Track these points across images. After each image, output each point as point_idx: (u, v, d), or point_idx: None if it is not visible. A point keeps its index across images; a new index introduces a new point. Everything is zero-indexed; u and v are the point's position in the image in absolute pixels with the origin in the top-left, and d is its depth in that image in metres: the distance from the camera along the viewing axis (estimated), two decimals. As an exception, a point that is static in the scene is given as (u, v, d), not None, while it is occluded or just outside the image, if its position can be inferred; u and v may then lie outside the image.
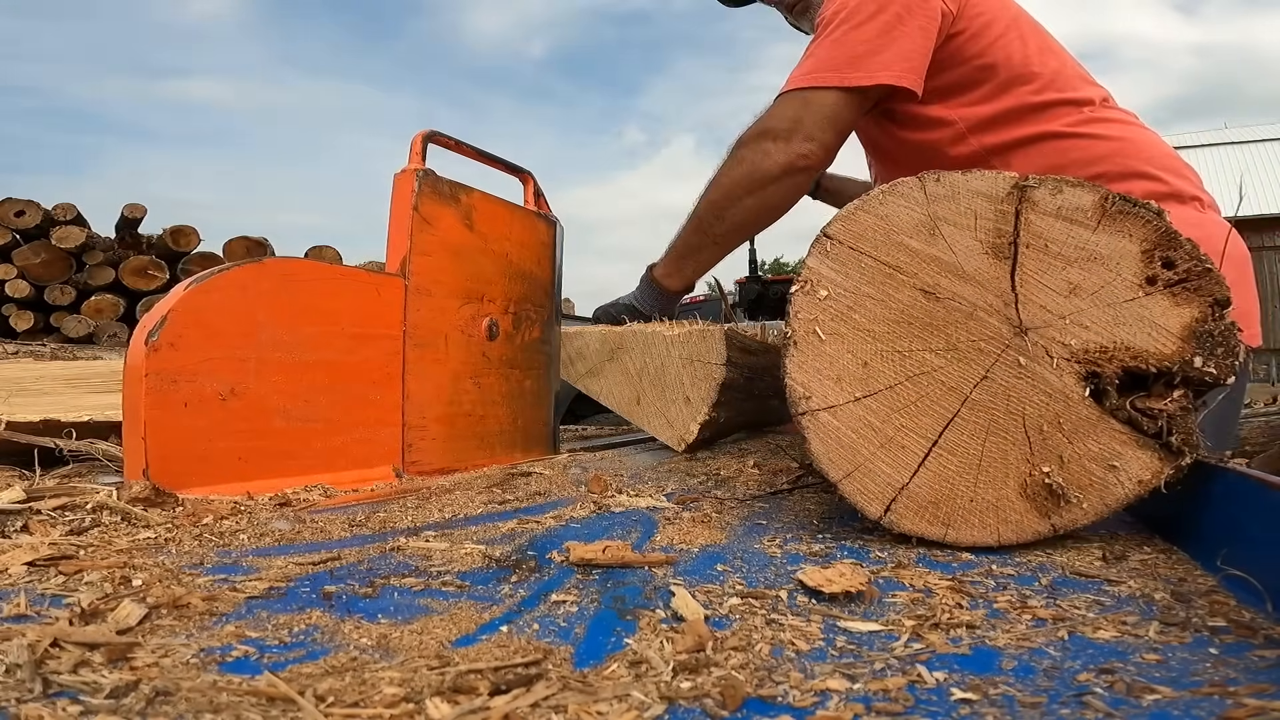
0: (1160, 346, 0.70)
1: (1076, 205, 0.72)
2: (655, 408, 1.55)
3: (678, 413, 1.49)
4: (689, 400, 1.45)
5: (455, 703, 0.38)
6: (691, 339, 1.45)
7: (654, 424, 1.53)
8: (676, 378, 1.50)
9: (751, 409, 1.72)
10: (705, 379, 1.43)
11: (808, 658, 0.46)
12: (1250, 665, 0.44)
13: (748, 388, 1.58)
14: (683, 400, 1.47)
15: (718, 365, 1.41)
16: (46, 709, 0.36)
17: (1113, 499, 0.70)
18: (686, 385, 1.48)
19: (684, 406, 1.46)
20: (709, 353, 1.43)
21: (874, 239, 0.75)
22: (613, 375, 1.66)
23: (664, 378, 1.53)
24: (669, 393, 1.51)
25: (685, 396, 1.46)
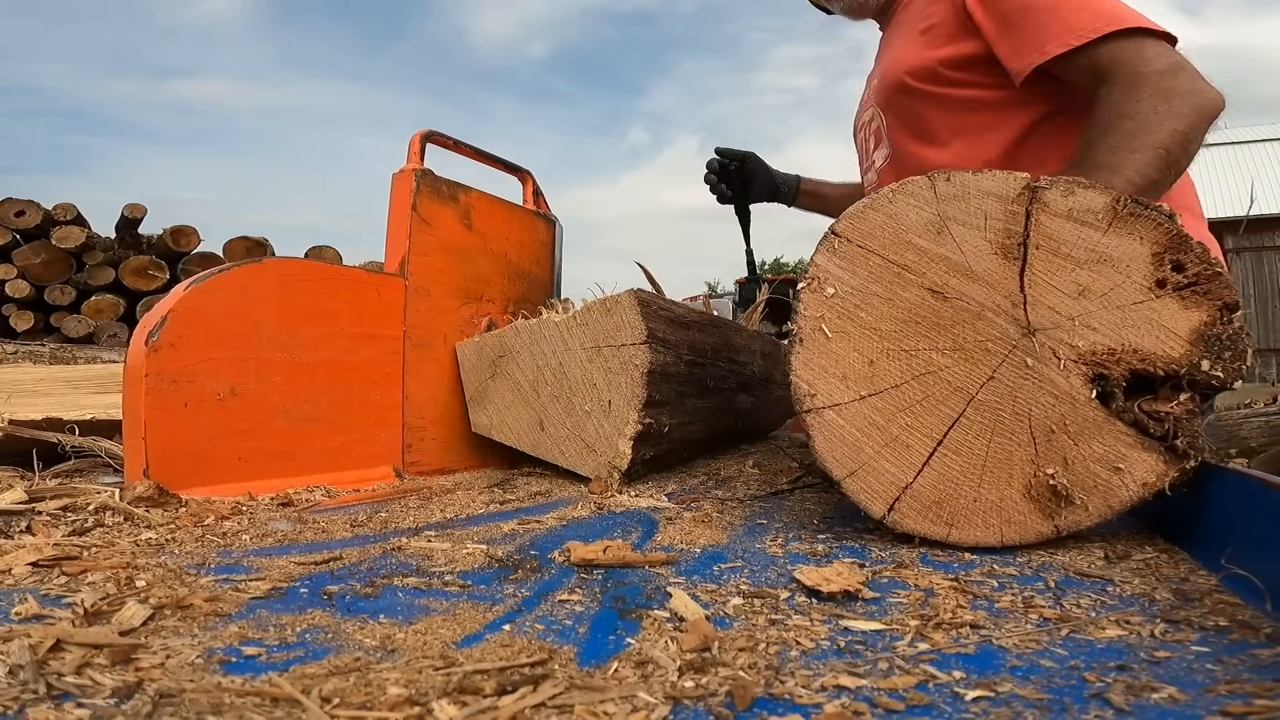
0: (1168, 350, 0.70)
1: (1088, 207, 0.72)
2: (566, 429, 1.16)
3: (597, 429, 1.12)
4: (609, 407, 1.10)
5: (462, 704, 0.37)
6: (592, 317, 1.12)
7: (569, 453, 1.16)
8: (585, 378, 1.14)
9: (711, 409, 1.34)
10: (624, 370, 1.09)
11: (813, 657, 0.45)
12: (1252, 663, 0.44)
13: (695, 377, 1.24)
14: (600, 409, 1.12)
15: (636, 347, 1.08)
16: (53, 712, 0.36)
17: (1117, 501, 0.70)
18: (601, 386, 1.12)
19: (604, 418, 1.11)
20: (620, 330, 1.09)
21: (882, 237, 0.75)
22: (501, 397, 1.25)
23: (567, 382, 1.16)
24: (579, 402, 1.14)
25: (603, 403, 1.11)
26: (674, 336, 1.16)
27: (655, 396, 1.10)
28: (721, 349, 1.36)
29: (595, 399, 1.13)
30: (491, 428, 1.26)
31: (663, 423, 1.13)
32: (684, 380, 1.19)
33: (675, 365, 1.15)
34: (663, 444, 1.16)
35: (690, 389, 1.23)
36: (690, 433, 1.27)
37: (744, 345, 1.51)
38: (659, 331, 1.11)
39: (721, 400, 1.39)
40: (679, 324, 1.20)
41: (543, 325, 1.20)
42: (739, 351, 1.47)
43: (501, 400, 1.25)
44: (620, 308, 1.10)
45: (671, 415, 1.16)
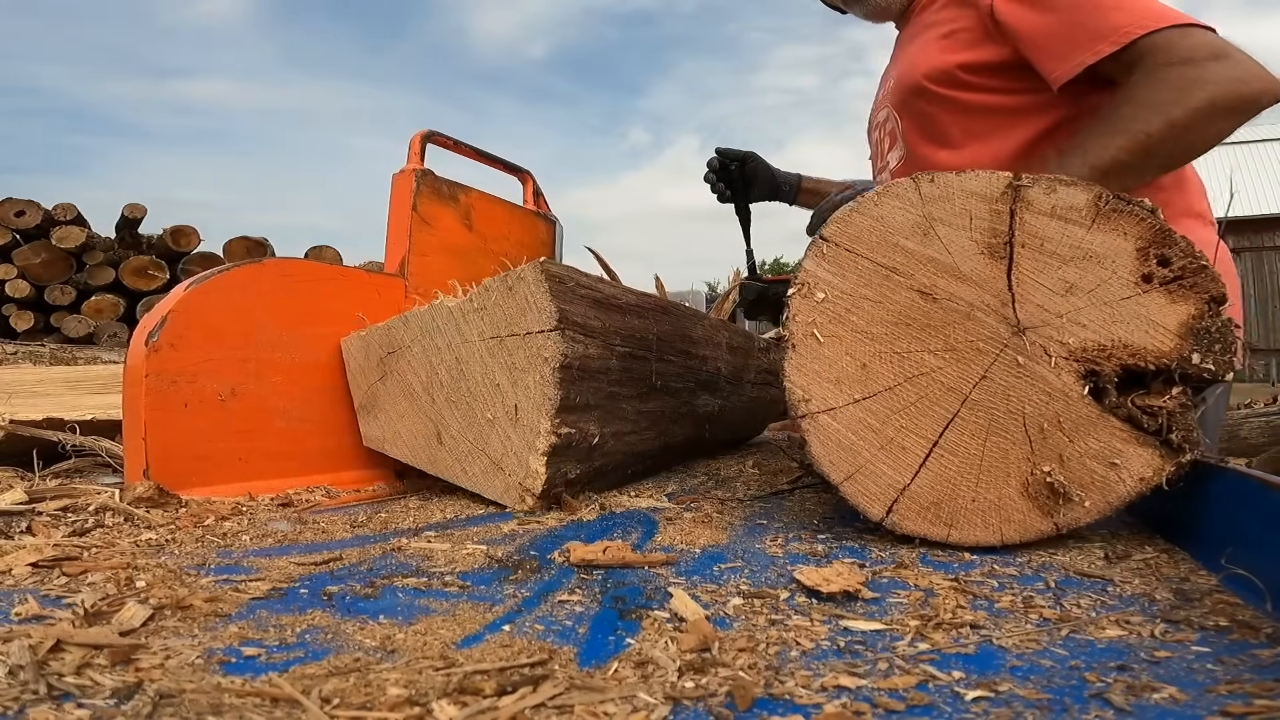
0: (1158, 344, 0.70)
1: (1071, 204, 0.72)
2: (467, 442, 0.96)
3: (503, 442, 0.92)
4: (516, 414, 0.90)
5: (462, 704, 0.38)
6: (491, 299, 0.92)
7: (472, 471, 0.96)
8: (486, 377, 0.94)
9: (662, 414, 1.12)
10: (531, 366, 0.88)
11: (813, 657, 0.46)
12: (1252, 663, 0.45)
13: (635, 374, 1.03)
14: (506, 417, 0.91)
15: (545, 335, 0.87)
16: (53, 712, 0.36)
17: (1115, 496, 0.70)
18: (505, 387, 0.91)
19: (510, 428, 0.91)
20: (525, 315, 0.89)
21: (870, 241, 0.75)
22: (392, 403, 1.05)
23: (466, 383, 0.96)
24: (481, 408, 0.94)
25: (508, 408, 0.91)
26: (602, 322, 0.94)
27: (575, 399, 0.89)
28: (673, 340, 1.13)
29: (499, 404, 0.92)
30: (384, 440, 1.05)
31: (590, 432, 0.92)
32: (618, 378, 0.98)
33: (603, 359, 0.94)
34: (595, 458, 0.96)
35: (629, 389, 1.02)
36: (634, 443, 1.06)
37: (705, 337, 1.27)
38: (578, 315, 0.89)
39: (676, 403, 1.17)
40: (610, 307, 0.96)
41: (435, 312, 0.99)
42: (698, 344, 1.25)
43: (393, 407, 1.03)
44: (524, 285, 0.88)
45: (604, 422, 0.95)
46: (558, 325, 0.87)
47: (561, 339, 0.87)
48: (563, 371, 0.87)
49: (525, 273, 0.89)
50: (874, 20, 1.62)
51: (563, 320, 0.87)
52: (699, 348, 1.25)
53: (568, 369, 0.88)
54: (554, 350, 0.87)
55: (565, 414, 0.89)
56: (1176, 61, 1.10)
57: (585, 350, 0.91)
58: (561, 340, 0.87)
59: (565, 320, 0.87)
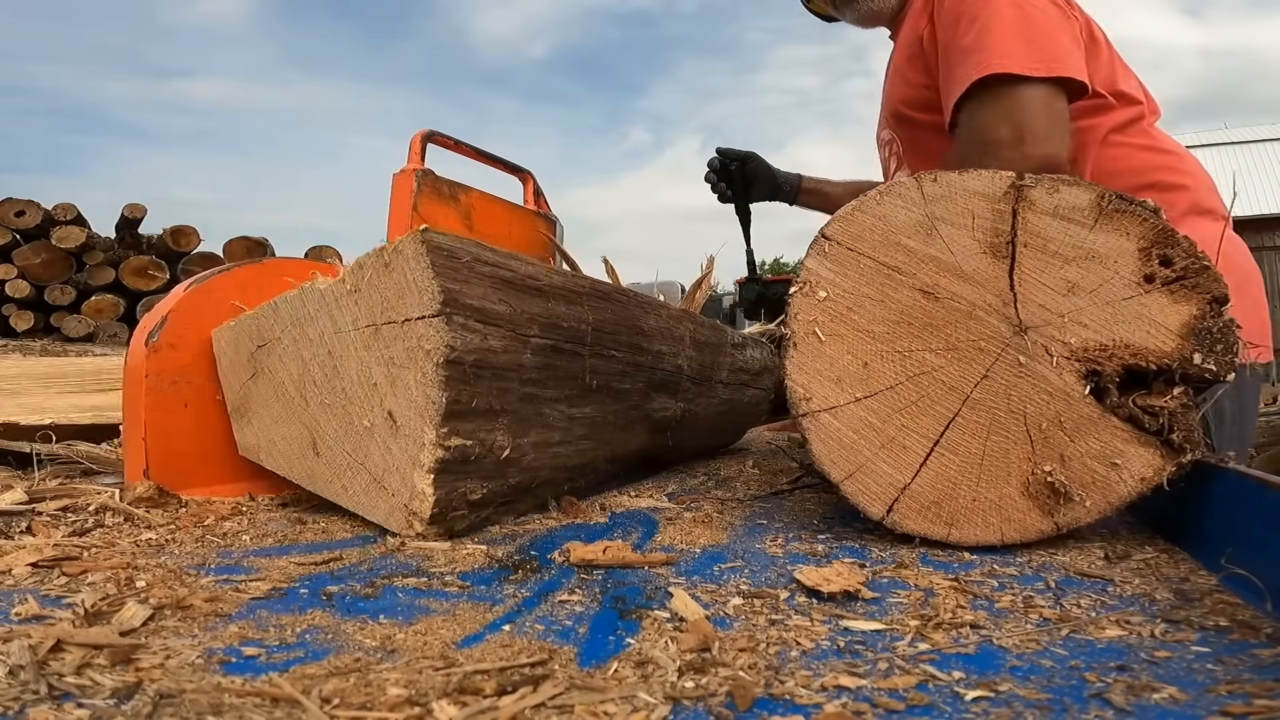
0: (1160, 344, 0.70)
1: (1073, 204, 0.72)
2: (345, 453, 0.80)
3: (384, 455, 0.76)
4: (394, 421, 0.74)
5: (462, 704, 0.38)
6: (365, 278, 0.76)
7: (353, 489, 0.80)
8: (362, 375, 0.78)
9: (603, 421, 0.96)
10: (411, 361, 0.72)
11: (813, 657, 0.46)
12: (1252, 663, 0.45)
13: (563, 372, 0.86)
14: (385, 424, 0.75)
15: (427, 322, 0.71)
16: (53, 712, 0.36)
17: (1115, 496, 0.70)
18: (383, 387, 0.75)
19: (390, 438, 0.75)
20: (404, 297, 0.73)
21: (872, 240, 0.75)
22: (265, 405, 0.89)
23: (340, 383, 0.80)
24: (358, 413, 0.78)
25: (385, 413, 0.75)
26: (512, 308, 0.77)
27: (471, 402, 0.73)
28: (616, 332, 0.96)
29: (377, 408, 0.75)
30: (259, 449, 0.89)
31: (497, 443, 0.76)
32: (536, 377, 0.81)
33: (512, 353, 0.77)
34: (509, 475, 0.80)
35: (554, 390, 0.85)
36: (568, 456, 0.89)
37: (661, 329, 1.08)
38: (474, 298, 0.73)
39: (623, 407, 1.00)
40: (526, 290, 0.79)
41: (306, 297, 0.83)
42: (652, 337, 1.06)
43: (266, 410, 0.87)
44: (402, 260, 0.72)
45: (518, 431, 0.79)
46: (442, 310, 0.69)
47: (447, 327, 0.69)
48: (450, 368, 0.70)
49: (404, 245, 0.72)
50: (864, 26, 1.61)
51: (450, 303, 0.70)
52: (653, 341, 1.05)
53: (456, 365, 0.70)
54: (437, 341, 0.70)
55: (457, 421, 0.72)
56: (959, 145, 1.23)
57: (484, 342, 0.73)
58: (447, 329, 0.69)
59: (454, 303, 0.70)
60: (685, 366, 1.17)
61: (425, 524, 0.72)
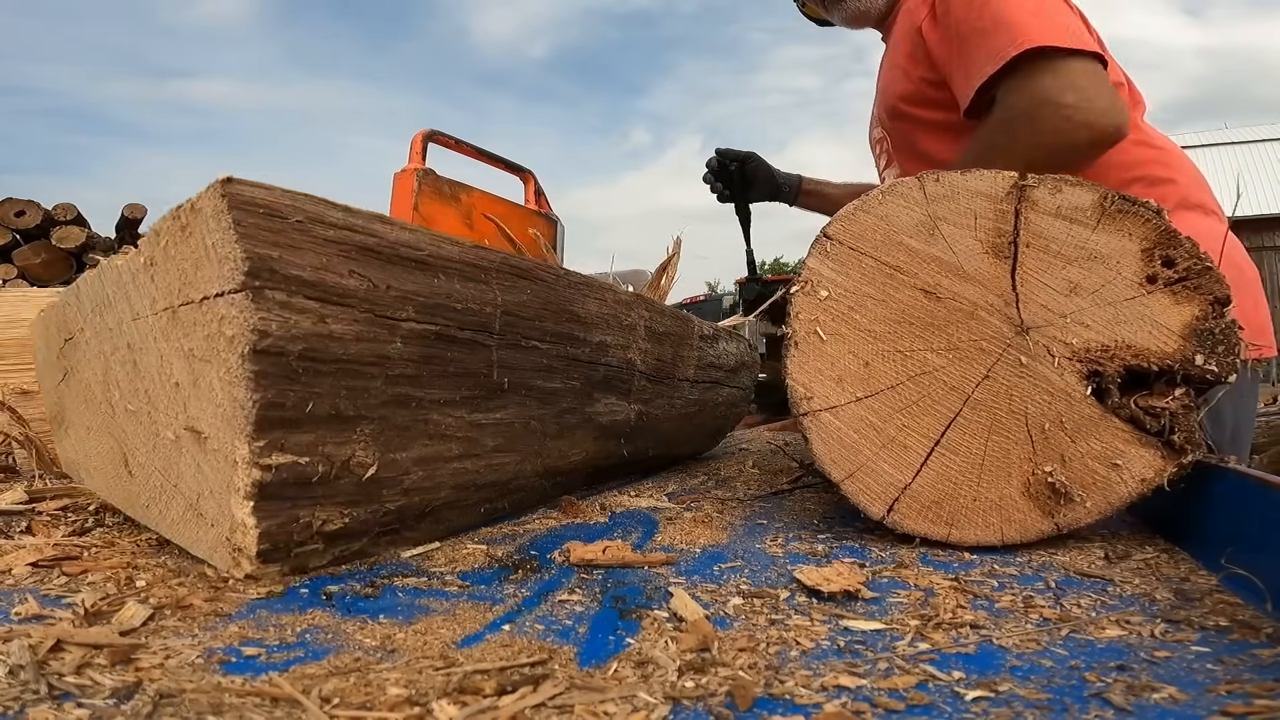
0: (1161, 345, 0.70)
1: (1076, 204, 0.72)
2: (156, 472, 0.64)
3: (195, 474, 0.59)
4: (196, 431, 0.58)
5: (462, 704, 0.38)
6: (160, 246, 0.59)
7: (170, 516, 0.64)
8: (162, 373, 0.61)
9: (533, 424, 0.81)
10: (215, 353, 0.55)
11: (813, 657, 0.46)
12: (1252, 663, 0.45)
13: (457, 366, 0.69)
14: (190, 434, 0.59)
15: (228, 299, 0.53)
16: (53, 712, 0.36)
17: (1116, 497, 0.70)
18: (185, 387, 0.59)
19: (199, 453, 0.58)
20: (202, 269, 0.55)
21: (874, 239, 0.75)
22: (77, 413, 0.76)
23: (141, 382, 0.64)
24: (162, 421, 0.62)
25: (190, 423, 0.58)
26: (369, 283, 0.59)
27: (305, 407, 0.56)
28: (536, 318, 0.78)
29: (180, 415, 0.59)
30: (79, 465, 0.75)
31: (357, 460, 0.61)
32: (414, 373, 0.64)
33: (371, 341, 0.60)
34: (383, 499, 0.64)
35: (442, 390, 0.68)
36: (477, 472, 0.74)
37: (603, 317, 0.91)
38: (307, 268, 0.55)
39: (552, 411, 0.83)
40: (395, 261, 0.62)
41: (104, 276, 0.69)
42: (591, 325, 0.88)
43: (79, 418, 0.73)
44: (200, 221, 0.54)
45: (391, 442, 0.63)
46: (248, 283, 0.51)
47: (254, 305, 0.51)
48: (262, 360, 0.52)
49: (201, 200, 0.54)
50: (853, 26, 1.61)
51: (260, 273, 0.52)
52: (593, 331, 0.88)
53: (273, 356, 0.53)
54: (241, 324, 0.52)
55: (282, 432, 0.55)
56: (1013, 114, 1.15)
57: (320, 326, 0.56)
58: (254, 307, 0.52)
59: (267, 274, 0.52)
60: (638, 362, 0.99)
61: (255, 562, 0.56)
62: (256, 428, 0.53)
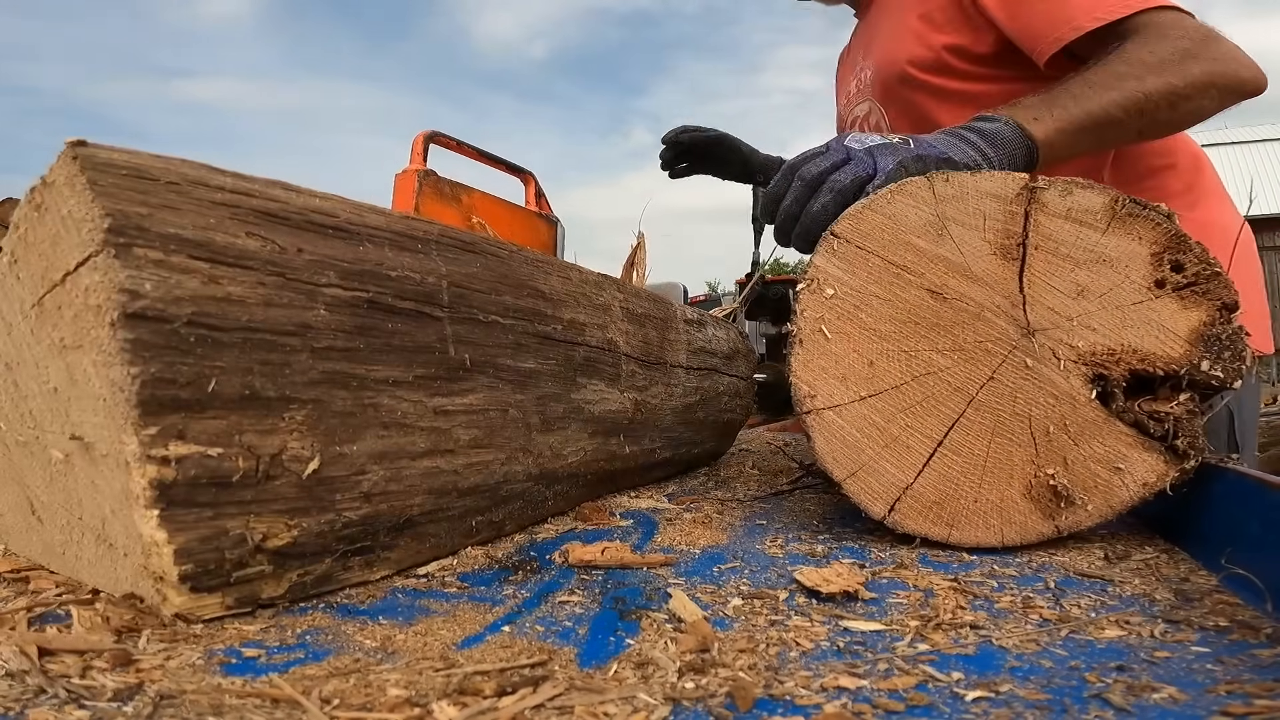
0: (1168, 350, 0.70)
1: (1086, 207, 0.72)
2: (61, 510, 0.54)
3: (92, 497, 0.49)
4: (81, 437, 0.48)
5: (462, 705, 0.38)
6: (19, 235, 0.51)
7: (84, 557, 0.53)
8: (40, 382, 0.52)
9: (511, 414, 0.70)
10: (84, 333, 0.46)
11: (813, 657, 0.46)
12: (1252, 663, 0.44)
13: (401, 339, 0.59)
14: (77, 445, 0.49)
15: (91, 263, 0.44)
16: (53, 713, 0.36)
17: (1117, 501, 0.70)
18: (64, 389, 0.49)
19: (90, 466, 0.49)
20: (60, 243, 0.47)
21: (882, 238, 0.75)
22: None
23: (26, 403, 0.54)
24: (51, 440, 0.52)
25: (73, 429, 0.49)
26: (276, 245, 0.52)
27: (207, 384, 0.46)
28: (495, 291, 0.70)
29: (64, 424, 0.50)
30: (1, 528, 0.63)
31: (290, 451, 0.51)
32: (348, 345, 0.55)
33: (285, 306, 0.51)
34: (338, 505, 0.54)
35: (389, 366, 0.58)
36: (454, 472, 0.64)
37: (573, 294, 0.83)
38: (189, 228, 0.47)
39: (530, 397, 0.74)
40: (307, 228, 0.55)
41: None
42: (559, 303, 0.80)
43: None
44: (54, 194, 0.48)
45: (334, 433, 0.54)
46: (109, 240, 0.44)
47: (120, 262, 0.44)
48: (135, 325, 0.44)
49: (53, 172, 0.47)
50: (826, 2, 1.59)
51: (124, 230, 0.44)
52: (561, 309, 0.79)
53: (150, 321, 0.44)
54: (108, 287, 0.44)
55: (180, 415, 0.45)
56: (1174, 36, 1.07)
57: (210, 287, 0.47)
58: (120, 264, 0.44)
59: (136, 230, 0.45)
60: (622, 343, 0.90)
61: (182, 591, 0.46)
62: (143, 411, 0.44)
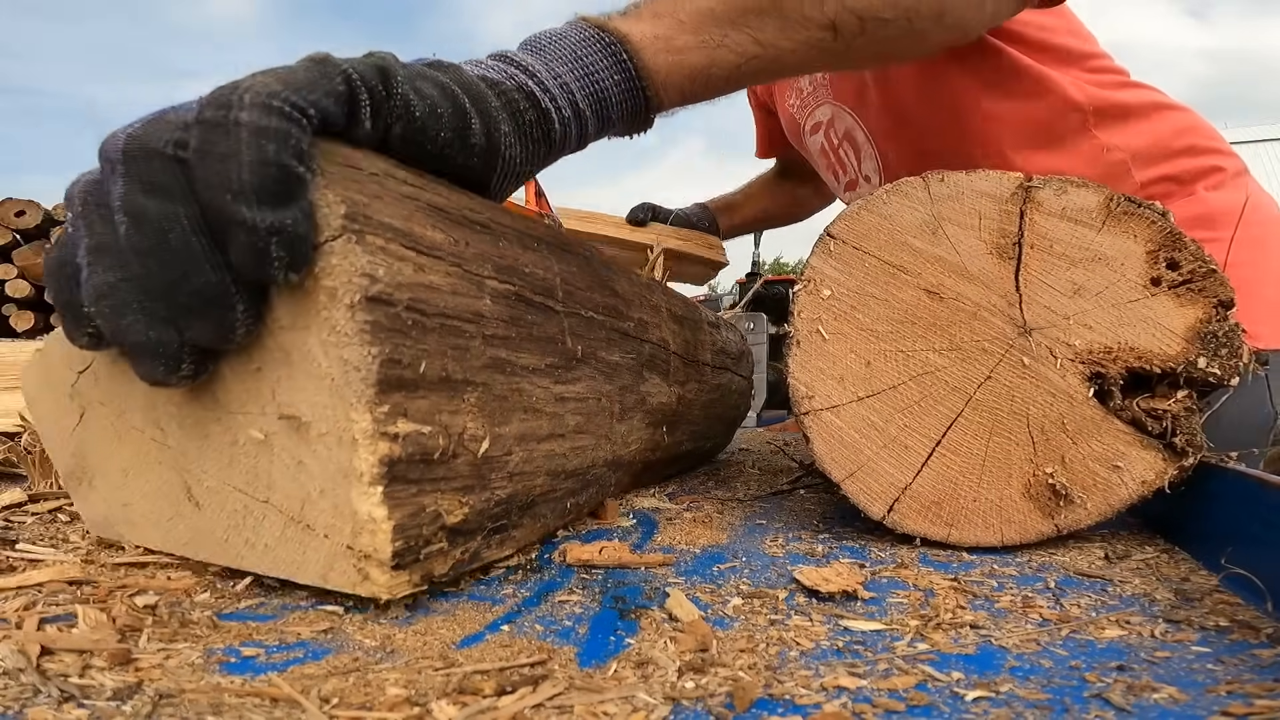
0: (1165, 347, 0.70)
1: (1081, 206, 0.72)
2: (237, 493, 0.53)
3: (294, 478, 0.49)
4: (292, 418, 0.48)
5: (462, 704, 0.37)
6: None
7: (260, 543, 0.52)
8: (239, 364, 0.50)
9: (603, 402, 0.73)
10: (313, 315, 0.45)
11: (813, 657, 0.45)
12: (1252, 663, 0.45)
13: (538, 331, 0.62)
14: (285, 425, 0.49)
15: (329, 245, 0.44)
16: (53, 712, 0.36)
17: (1116, 499, 0.70)
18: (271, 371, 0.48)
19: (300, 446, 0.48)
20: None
21: (878, 238, 0.75)
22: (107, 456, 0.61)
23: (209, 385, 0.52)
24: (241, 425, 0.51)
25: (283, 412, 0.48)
26: (451, 238, 0.53)
27: (419, 366, 0.48)
28: (589, 289, 0.73)
29: (268, 407, 0.49)
30: (114, 520, 0.62)
31: (469, 432, 0.53)
32: (504, 333, 0.57)
33: (465, 295, 0.53)
34: (492, 484, 0.56)
35: (529, 354, 0.60)
36: (563, 455, 0.66)
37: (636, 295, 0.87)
38: (396, 218, 0.48)
39: (614, 388, 0.76)
40: (464, 223, 0.55)
41: None
42: (630, 302, 0.83)
43: (110, 461, 0.61)
44: None
45: (494, 414, 0.56)
46: (346, 225, 0.44)
47: (361, 248, 0.44)
48: (376, 309, 0.45)
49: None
50: None
51: (357, 217, 0.45)
52: (632, 308, 0.83)
53: (385, 305, 0.46)
54: (348, 270, 0.44)
55: (404, 395, 0.47)
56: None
57: (420, 275, 0.49)
58: (361, 250, 0.44)
59: (363, 219, 0.46)
60: (671, 342, 0.93)
61: (388, 570, 0.47)
62: (379, 390, 0.45)
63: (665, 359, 0.92)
